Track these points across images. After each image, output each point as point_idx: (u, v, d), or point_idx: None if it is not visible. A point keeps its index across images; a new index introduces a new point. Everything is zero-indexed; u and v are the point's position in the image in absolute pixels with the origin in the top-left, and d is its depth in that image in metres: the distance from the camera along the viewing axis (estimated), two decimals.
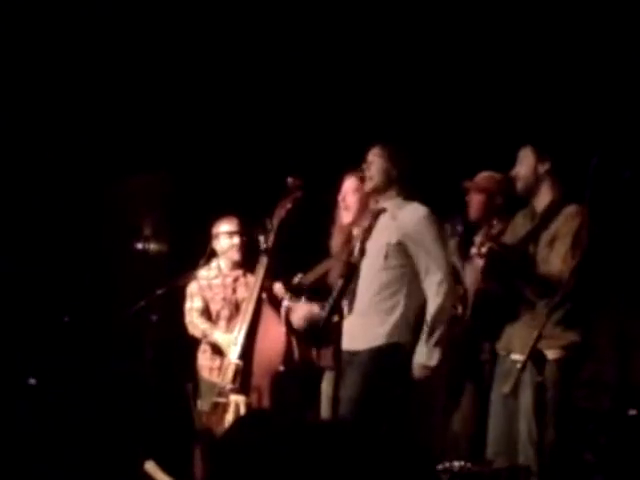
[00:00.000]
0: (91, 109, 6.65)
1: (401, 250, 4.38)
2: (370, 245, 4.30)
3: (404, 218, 4.41)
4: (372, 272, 4.36)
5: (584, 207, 3.92)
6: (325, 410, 4.48)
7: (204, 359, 5.55)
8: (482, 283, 4.49)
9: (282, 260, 5.15)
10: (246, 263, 5.44)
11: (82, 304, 6.77)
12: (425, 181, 4.70)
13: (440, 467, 3.85)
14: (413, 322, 4.39)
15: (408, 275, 4.40)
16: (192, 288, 5.60)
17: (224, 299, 5.56)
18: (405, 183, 4.50)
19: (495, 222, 4.77)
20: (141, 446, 5.17)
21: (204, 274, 5.62)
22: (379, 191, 4.51)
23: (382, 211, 4.47)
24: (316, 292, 4.68)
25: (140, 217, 7.05)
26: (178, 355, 5.86)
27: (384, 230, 4.42)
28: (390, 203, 4.48)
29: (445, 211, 4.78)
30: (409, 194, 4.50)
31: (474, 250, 4.26)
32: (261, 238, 4.87)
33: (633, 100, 5.44)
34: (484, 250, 4.14)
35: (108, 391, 6.38)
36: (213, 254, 5.62)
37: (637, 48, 5.44)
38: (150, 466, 4.85)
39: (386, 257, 4.38)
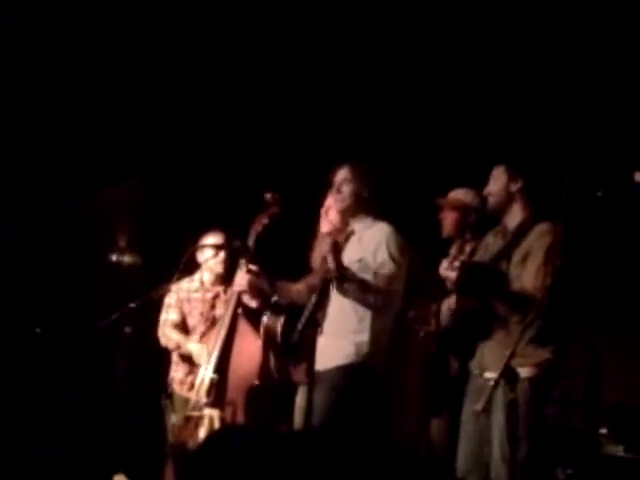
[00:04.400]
0: (64, 120, 6.62)
1: (363, 267, 4.38)
2: None
3: (369, 238, 4.43)
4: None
5: (557, 225, 3.94)
6: (298, 424, 4.47)
7: (177, 372, 5.54)
8: (456, 300, 4.50)
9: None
10: (228, 279, 5.42)
11: (55, 316, 6.73)
12: (397, 199, 4.72)
13: None
14: (382, 343, 4.40)
15: None
16: (170, 299, 5.60)
17: (201, 314, 5.55)
18: (376, 202, 4.51)
19: (469, 237, 4.78)
20: (112, 459, 5.14)
21: (185, 286, 5.61)
22: (350, 212, 4.53)
23: (351, 234, 4.50)
24: (295, 310, 4.66)
25: (114, 229, 7.03)
26: (151, 368, 5.84)
27: (351, 250, 4.45)
28: (359, 225, 4.50)
29: (417, 228, 4.80)
30: (380, 213, 4.52)
31: (445, 264, 4.26)
32: (242, 261, 4.86)
33: (606, 121, 5.50)
34: (457, 264, 4.14)
35: (80, 403, 6.34)
36: (191, 265, 5.60)
37: (610, 70, 5.50)
38: (120, 479, 4.85)
39: None
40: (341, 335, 4.37)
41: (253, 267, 4.75)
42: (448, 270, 4.17)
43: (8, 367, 6.31)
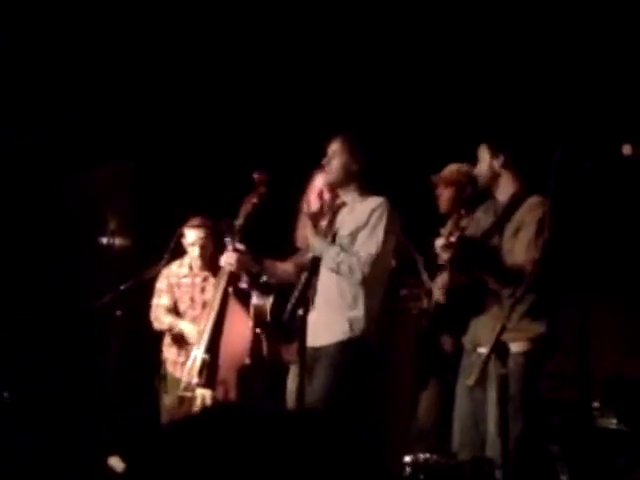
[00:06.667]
0: (55, 99, 6.59)
1: (354, 240, 4.38)
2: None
3: (360, 210, 4.43)
4: None
5: (547, 198, 3.94)
6: (291, 404, 4.47)
7: (169, 353, 5.54)
8: (449, 275, 4.49)
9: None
10: (216, 262, 5.40)
11: (47, 299, 6.72)
12: (389, 174, 4.71)
13: (406, 459, 3.86)
14: (376, 315, 4.40)
15: None
16: (161, 284, 5.59)
17: (192, 299, 5.55)
18: (365, 177, 4.50)
19: (464, 212, 4.76)
20: (106, 441, 5.14)
21: (175, 270, 5.60)
22: (339, 185, 4.52)
23: (341, 206, 4.49)
24: (284, 289, 4.65)
25: (105, 211, 7.01)
26: (143, 350, 5.84)
27: (341, 224, 4.44)
28: (350, 197, 4.49)
29: (409, 204, 4.80)
30: (369, 188, 4.50)
31: (441, 241, 4.24)
32: (227, 239, 4.85)
33: (594, 95, 5.49)
34: (453, 239, 4.12)
35: (73, 386, 6.34)
36: (180, 250, 5.60)
37: (600, 44, 5.49)
38: (114, 461, 4.85)
39: (342, 249, 4.39)
40: (335, 311, 4.37)
41: (240, 246, 4.74)
42: (444, 247, 4.16)
43: None
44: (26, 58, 6.36)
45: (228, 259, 4.74)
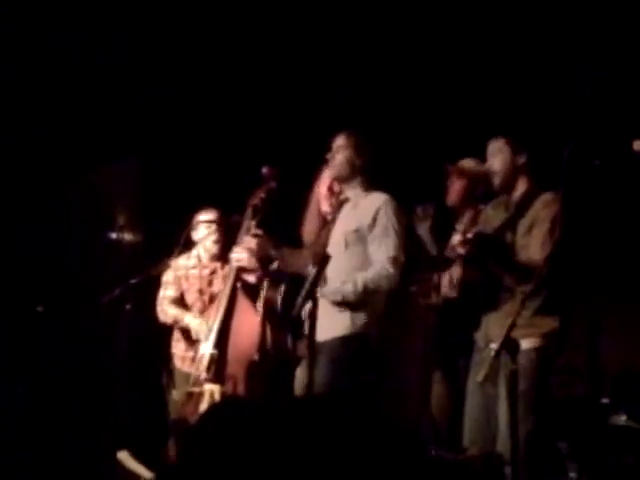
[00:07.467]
0: (63, 95, 6.60)
1: (360, 237, 4.38)
2: (333, 235, 4.39)
3: (364, 206, 4.42)
4: (336, 262, 4.34)
5: (560, 194, 3.92)
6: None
7: (177, 348, 5.55)
8: (464, 271, 4.49)
9: None
10: (225, 255, 5.41)
11: (56, 294, 6.74)
12: (394, 169, 4.70)
13: None
14: (379, 311, 4.40)
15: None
16: (168, 277, 5.61)
17: (199, 291, 5.56)
18: (369, 172, 4.50)
19: (481, 208, 4.72)
20: (115, 436, 5.15)
21: (183, 263, 5.61)
22: (342, 180, 4.52)
23: (345, 201, 4.49)
24: (295, 279, 4.64)
25: (114, 207, 7.03)
26: (152, 345, 5.84)
27: (345, 219, 4.45)
28: (354, 193, 4.49)
29: (414, 199, 4.79)
30: (373, 183, 4.50)
31: (458, 237, 4.21)
32: (247, 222, 4.84)
33: (604, 91, 5.48)
34: (470, 236, 4.11)
35: (82, 381, 6.36)
36: (188, 243, 5.60)
37: (609, 40, 5.48)
38: (123, 455, 4.86)
39: (346, 245, 4.39)
40: (338, 306, 4.36)
41: (258, 231, 4.73)
42: (461, 243, 4.13)
43: (10, 345, 6.33)
44: (31, 57, 6.38)
45: (247, 244, 4.72)
